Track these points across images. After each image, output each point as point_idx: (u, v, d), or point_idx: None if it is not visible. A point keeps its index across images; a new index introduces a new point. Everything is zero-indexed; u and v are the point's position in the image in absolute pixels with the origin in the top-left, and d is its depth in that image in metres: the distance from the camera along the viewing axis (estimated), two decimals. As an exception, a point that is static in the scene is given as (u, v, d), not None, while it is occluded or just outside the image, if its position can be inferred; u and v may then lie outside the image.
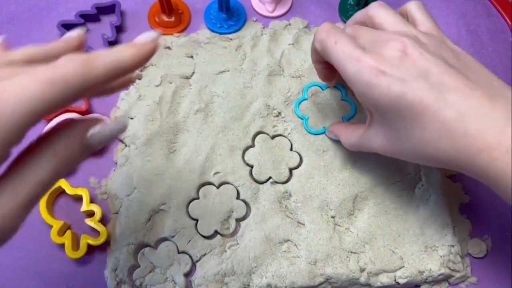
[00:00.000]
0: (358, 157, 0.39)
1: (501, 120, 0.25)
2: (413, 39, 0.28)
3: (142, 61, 0.22)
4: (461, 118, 0.26)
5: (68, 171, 0.22)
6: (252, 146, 0.40)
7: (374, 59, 0.28)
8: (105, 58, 0.21)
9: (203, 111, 0.40)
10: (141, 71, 0.42)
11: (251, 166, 0.39)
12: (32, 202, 0.20)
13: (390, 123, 0.29)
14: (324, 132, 0.40)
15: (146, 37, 0.23)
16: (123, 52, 0.21)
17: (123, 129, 0.23)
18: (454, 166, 0.28)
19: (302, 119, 0.40)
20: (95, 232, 0.37)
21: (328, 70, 0.37)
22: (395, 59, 0.28)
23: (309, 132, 0.40)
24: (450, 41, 0.31)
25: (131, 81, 0.31)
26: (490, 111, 0.25)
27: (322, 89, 0.41)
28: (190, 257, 0.36)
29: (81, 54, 0.20)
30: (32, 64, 0.21)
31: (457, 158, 0.27)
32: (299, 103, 0.41)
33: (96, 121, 0.22)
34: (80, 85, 0.20)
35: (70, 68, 0.19)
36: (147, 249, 0.37)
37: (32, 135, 0.43)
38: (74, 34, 0.25)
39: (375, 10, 0.32)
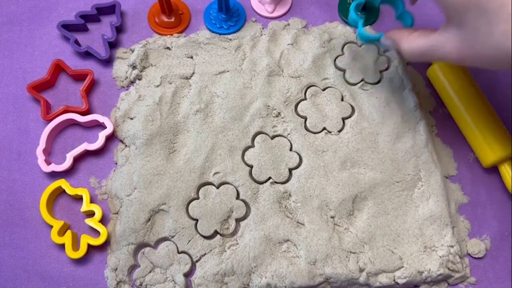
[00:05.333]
0: (358, 157, 0.39)
1: None
2: None
3: None
4: None
5: None
6: (252, 146, 0.40)
7: None
8: None
9: (203, 111, 0.40)
10: (141, 71, 0.42)
11: (251, 166, 0.39)
12: None
13: (470, 23, 0.29)
14: (379, 38, 0.38)
15: None
16: None
17: None
18: None
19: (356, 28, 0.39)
20: (95, 232, 0.37)
21: None
22: None
23: (364, 38, 0.38)
24: None
25: None
26: None
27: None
28: (190, 257, 0.36)
29: None
30: None
31: None
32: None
33: None
34: None
35: None
36: (147, 249, 0.37)
37: (34, 133, 0.43)
38: None
39: None
